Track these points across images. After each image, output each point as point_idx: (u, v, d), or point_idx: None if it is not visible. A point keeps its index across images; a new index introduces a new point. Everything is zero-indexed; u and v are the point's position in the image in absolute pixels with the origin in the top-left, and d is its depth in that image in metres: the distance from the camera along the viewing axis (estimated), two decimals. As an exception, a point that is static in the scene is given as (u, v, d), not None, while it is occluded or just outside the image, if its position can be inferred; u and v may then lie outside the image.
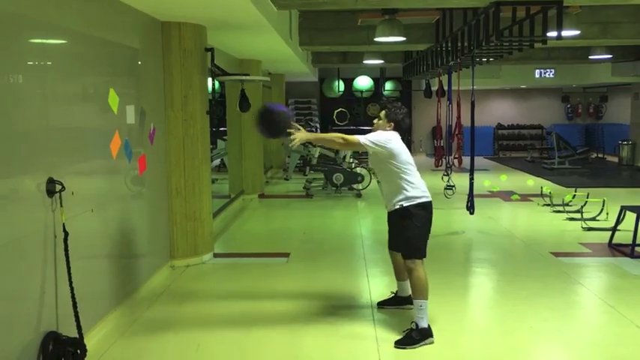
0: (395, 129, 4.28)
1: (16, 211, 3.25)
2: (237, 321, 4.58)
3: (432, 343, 4.04)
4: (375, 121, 4.42)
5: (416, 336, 4.03)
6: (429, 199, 4.27)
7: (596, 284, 5.64)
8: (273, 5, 6.03)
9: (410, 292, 4.51)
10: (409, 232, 4.18)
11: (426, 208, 4.22)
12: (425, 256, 4.23)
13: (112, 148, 4.52)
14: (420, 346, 4.00)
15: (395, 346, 4.00)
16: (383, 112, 4.34)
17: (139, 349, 4.07)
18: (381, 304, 4.77)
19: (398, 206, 4.20)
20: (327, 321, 4.55)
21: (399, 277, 4.66)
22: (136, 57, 5.23)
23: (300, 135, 4.16)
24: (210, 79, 6.68)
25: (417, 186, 4.22)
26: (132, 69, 5.15)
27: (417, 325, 4.07)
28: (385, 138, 4.15)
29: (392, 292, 4.82)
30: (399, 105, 4.38)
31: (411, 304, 4.41)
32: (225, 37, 7.12)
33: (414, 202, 4.17)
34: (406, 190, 4.17)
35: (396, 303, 4.71)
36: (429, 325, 4.10)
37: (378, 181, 4.45)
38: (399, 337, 4.08)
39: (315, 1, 5.89)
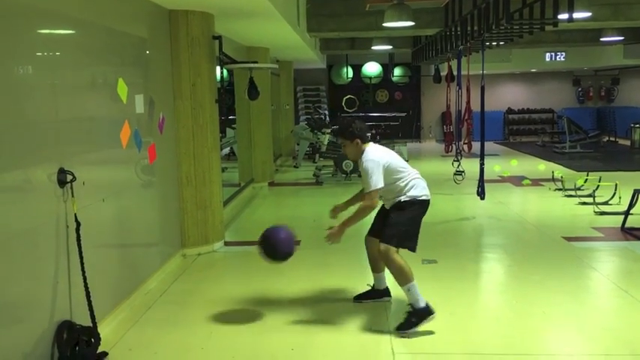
0: (363, 141, 4.19)
1: (29, 202, 3.27)
2: (248, 308, 4.60)
3: (433, 318, 4.00)
4: (344, 149, 4.33)
5: (414, 319, 3.99)
6: (428, 197, 4.22)
7: (608, 268, 5.60)
8: (281, -8, 6.00)
9: (386, 284, 4.51)
10: (397, 219, 4.11)
11: (422, 204, 4.18)
12: (398, 248, 4.08)
13: (122, 138, 4.53)
14: (421, 325, 3.97)
15: (395, 332, 3.97)
16: (344, 141, 4.22)
17: (152, 337, 4.11)
18: (358, 298, 4.64)
19: (396, 202, 4.17)
20: (338, 310, 4.55)
21: (374, 269, 4.55)
22: (144, 46, 5.22)
23: (336, 234, 4.15)
24: (218, 68, 6.66)
25: (415, 185, 4.16)
26: (140, 58, 5.15)
27: (412, 307, 4.03)
28: (377, 166, 4.04)
29: (368, 285, 4.69)
30: (345, 122, 4.28)
31: (389, 296, 4.44)
32: (232, 24, 7.09)
33: (412, 199, 4.13)
34: (404, 193, 4.13)
35: (373, 296, 4.60)
36: (426, 303, 4.04)
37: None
38: (399, 323, 4.03)
39: (322, -14, 5.84)
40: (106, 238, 4.31)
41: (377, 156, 4.10)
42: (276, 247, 4.22)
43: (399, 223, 4.11)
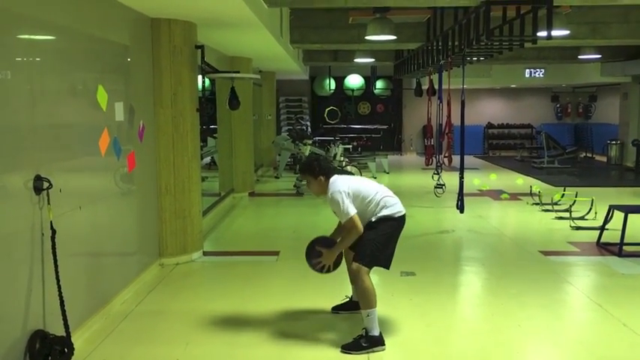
0: (328, 177, 4.14)
1: (3, 209, 3.22)
2: (225, 320, 4.56)
3: (382, 350, 3.94)
4: (309, 186, 4.30)
5: (364, 343, 3.93)
6: (402, 212, 4.17)
7: (584, 283, 5.67)
8: (264, 3, 6.01)
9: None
10: (371, 236, 4.07)
11: (397, 221, 4.14)
12: (371, 267, 4.07)
13: (100, 146, 4.48)
14: (367, 353, 3.90)
15: (340, 350, 3.91)
16: (308, 178, 4.20)
17: (127, 349, 4.05)
18: (336, 309, 4.63)
19: (370, 221, 4.12)
20: (316, 322, 4.55)
21: (353, 281, 4.46)
22: (125, 54, 5.19)
23: (328, 259, 4.16)
24: (200, 77, 6.65)
25: (387, 204, 4.11)
26: (121, 66, 5.12)
27: (366, 331, 3.98)
28: (345, 194, 3.99)
29: (346, 297, 4.69)
30: (307, 160, 4.32)
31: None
32: (215, 34, 7.09)
33: (385, 215, 4.09)
34: (376, 214, 4.09)
35: (350, 308, 4.57)
36: (380, 333, 4.00)
37: None
38: (347, 342, 3.98)
39: (305, -2, 5.88)
40: (82, 246, 4.25)
41: (340, 186, 4.03)
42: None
43: (373, 241, 4.06)
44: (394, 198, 4.21)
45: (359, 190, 4.09)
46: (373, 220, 4.10)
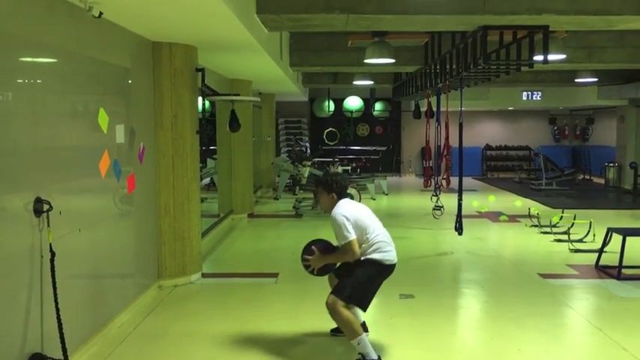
0: (340, 197, 4.22)
1: (3, 231, 3.23)
2: (224, 343, 4.54)
3: None
4: (319, 198, 4.37)
5: None
6: (392, 262, 4.15)
7: (583, 306, 5.66)
8: (264, 27, 6.09)
9: (363, 319, 4.44)
10: (355, 272, 4.06)
11: (385, 269, 4.12)
12: (348, 303, 4.04)
13: (100, 168, 4.51)
14: None
15: None
16: (322, 192, 4.26)
17: (125, 371, 4.03)
18: (335, 331, 4.59)
19: (359, 259, 4.12)
20: (315, 343, 4.53)
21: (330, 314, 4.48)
22: (126, 76, 5.24)
23: (315, 263, 4.25)
24: (200, 99, 6.71)
25: (380, 248, 4.10)
26: (122, 88, 5.17)
27: (363, 356, 3.95)
28: (344, 220, 4.00)
29: None
30: (329, 175, 4.36)
31: (366, 331, 4.33)
32: (216, 57, 7.17)
33: (376, 259, 4.08)
34: (367, 254, 4.08)
35: None
36: (379, 357, 3.98)
37: None
38: None
39: (305, 22, 5.95)
40: (81, 268, 4.25)
41: (347, 211, 4.08)
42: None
43: (356, 277, 4.05)
44: (390, 245, 4.19)
45: (363, 223, 4.09)
46: (362, 259, 4.09)
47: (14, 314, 3.32)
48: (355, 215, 4.08)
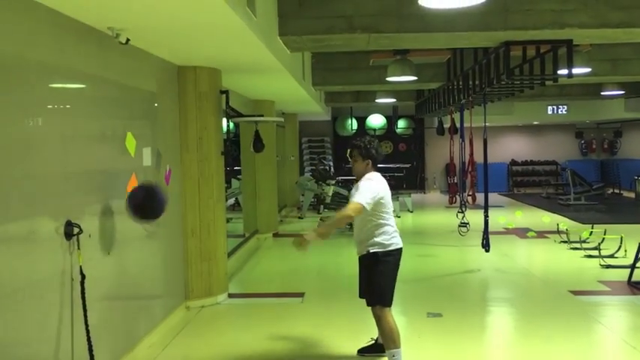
0: (373, 165, 4.29)
1: (35, 254, 3.29)
2: (251, 363, 4.54)
3: None
4: (353, 163, 4.35)
5: None
6: (399, 245, 4.23)
7: (616, 323, 5.53)
8: (287, 48, 6.16)
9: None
10: (376, 279, 4.13)
11: (394, 256, 4.19)
12: (390, 305, 4.14)
13: (129, 190, 4.58)
14: None
15: None
16: (356, 152, 4.28)
17: (154, 392, 4.04)
18: (361, 352, 4.59)
19: (365, 252, 4.17)
20: (342, 363, 4.50)
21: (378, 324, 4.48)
22: (152, 100, 5.34)
23: (310, 237, 4.05)
24: (224, 120, 6.79)
25: (388, 232, 4.17)
26: (148, 112, 5.27)
27: None
28: (376, 189, 4.11)
29: (372, 339, 4.63)
30: (367, 139, 4.35)
31: (382, 350, 4.33)
32: (239, 79, 7.26)
33: (383, 250, 4.13)
34: (376, 236, 4.14)
35: (376, 350, 4.51)
36: None
37: (351, 224, 4.38)
38: None
39: (327, 43, 6.00)
40: (110, 290, 4.30)
41: (379, 185, 4.16)
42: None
43: (378, 283, 4.15)
44: (396, 230, 4.28)
45: (383, 200, 4.16)
46: (370, 250, 4.13)
47: (46, 336, 3.37)
48: (381, 190, 4.15)
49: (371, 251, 4.13)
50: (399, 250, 4.23)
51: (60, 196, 3.57)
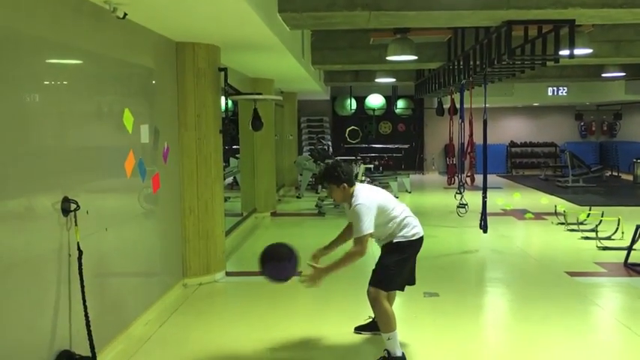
0: (350, 185, 4.07)
1: (32, 230, 3.28)
2: (249, 341, 4.56)
3: None
4: (330, 194, 4.21)
5: None
6: (420, 234, 4.14)
7: (612, 305, 5.56)
8: (286, 25, 6.09)
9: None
10: (386, 261, 4.08)
11: (414, 245, 4.12)
12: (388, 291, 4.06)
13: (126, 167, 4.56)
14: None
15: None
16: (331, 186, 4.10)
17: (151, 369, 4.07)
18: (359, 329, 4.60)
19: (387, 241, 4.13)
20: (340, 342, 4.52)
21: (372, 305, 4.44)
22: (150, 77, 5.29)
23: (314, 279, 4.00)
24: (223, 98, 6.74)
25: (407, 224, 4.09)
26: (146, 89, 5.22)
27: (388, 352, 3.94)
28: (366, 211, 3.89)
29: (370, 317, 4.60)
30: (329, 166, 4.15)
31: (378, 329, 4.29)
32: (238, 56, 7.20)
33: (407, 240, 4.08)
34: (396, 232, 4.07)
35: (373, 328, 4.49)
36: (403, 354, 3.96)
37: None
38: None
39: (327, 20, 5.93)
40: (108, 267, 4.30)
41: (368, 198, 3.96)
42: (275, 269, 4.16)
43: (388, 267, 4.05)
44: (415, 219, 4.20)
45: (386, 206, 4.05)
46: (394, 241, 4.08)
47: (43, 312, 3.38)
48: (376, 201, 3.99)
49: (394, 241, 4.08)
50: (421, 239, 4.16)
51: (57, 173, 3.55)
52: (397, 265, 4.07)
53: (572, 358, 4.21)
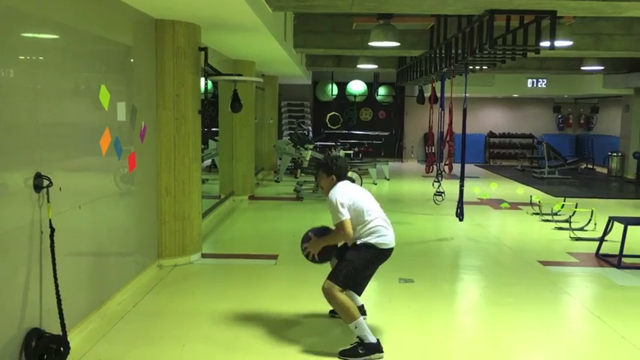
0: (338, 179, 4.24)
1: (2, 206, 3.21)
2: (223, 322, 4.55)
3: (381, 358, 3.91)
4: (319, 180, 4.40)
5: (361, 350, 3.91)
6: (389, 246, 4.15)
7: (582, 294, 5.66)
8: (268, 6, 6.02)
9: (361, 302, 4.48)
10: (351, 257, 4.09)
11: (381, 253, 4.12)
12: (343, 288, 4.05)
13: (101, 145, 4.49)
14: (366, 359, 3.89)
15: (338, 356, 3.91)
16: (321, 170, 4.33)
17: (123, 349, 4.04)
18: (333, 313, 4.58)
19: (354, 242, 4.14)
20: (314, 325, 4.54)
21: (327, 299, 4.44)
22: (128, 54, 5.20)
23: (313, 248, 4.28)
24: (203, 79, 6.66)
25: (378, 232, 4.10)
26: (124, 66, 5.13)
27: (361, 339, 3.96)
28: (342, 195, 4.07)
29: None
30: (329, 157, 4.39)
31: (364, 314, 4.36)
32: (219, 36, 7.10)
33: (372, 243, 4.08)
34: (363, 236, 4.09)
35: None
36: (377, 340, 3.97)
37: None
38: (344, 348, 3.96)
39: (310, 3, 5.88)
40: (81, 245, 4.25)
41: (344, 193, 4.11)
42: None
43: (351, 263, 4.07)
44: (388, 229, 4.18)
45: (360, 206, 4.10)
46: (358, 242, 4.10)
47: (13, 290, 3.32)
48: (351, 197, 4.10)
49: (358, 242, 4.10)
50: (388, 250, 4.15)
51: (30, 149, 3.48)
52: (358, 265, 4.07)
53: (542, 345, 4.29)
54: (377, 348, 3.94)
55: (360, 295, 4.32)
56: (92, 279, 4.45)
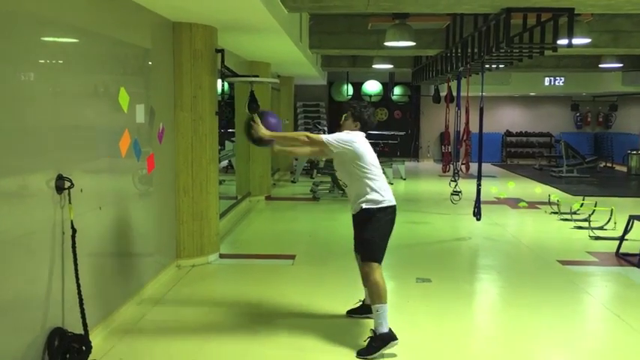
0: (361, 129, 4.29)
1: (26, 207, 3.27)
2: (241, 322, 4.58)
3: (395, 345, 3.94)
4: (343, 121, 4.41)
5: (375, 344, 3.94)
6: (392, 203, 4.19)
7: (602, 293, 5.61)
8: (284, 7, 6.05)
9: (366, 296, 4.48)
10: (367, 235, 4.13)
11: (387, 212, 4.15)
12: (380, 262, 4.11)
13: (121, 147, 4.54)
14: (381, 352, 3.91)
15: (356, 356, 3.92)
16: (348, 112, 4.37)
17: (143, 348, 4.09)
18: (350, 313, 4.64)
19: (359, 209, 4.16)
20: (331, 324, 4.55)
21: (365, 284, 4.49)
22: (146, 57, 5.25)
23: (261, 130, 4.42)
24: (219, 80, 6.71)
25: (380, 189, 4.13)
26: (142, 68, 5.18)
27: (374, 332, 3.99)
28: (349, 138, 4.14)
29: (360, 300, 4.67)
30: (364, 105, 4.42)
31: (369, 312, 4.32)
32: (235, 38, 7.15)
33: (376, 206, 4.10)
34: (368, 193, 4.11)
35: (364, 311, 4.55)
36: (390, 329, 3.99)
37: (345, 186, 4.37)
38: (360, 348, 3.99)
39: (325, 4, 5.89)
40: (102, 246, 4.30)
41: (356, 139, 4.15)
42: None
43: (370, 240, 4.13)
44: (388, 191, 4.19)
45: (364, 157, 4.12)
46: (363, 207, 4.10)
47: (36, 289, 3.38)
48: (356, 144, 4.12)
49: (363, 207, 4.12)
50: (392, 208, 4.18)
51: (51, 151, 3.53)
52: (377, 235, 4.12)
53: (562, 345, 4.26)
54: (390, 336, 3.96)
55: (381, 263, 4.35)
56: (112, 278, 4.50)
